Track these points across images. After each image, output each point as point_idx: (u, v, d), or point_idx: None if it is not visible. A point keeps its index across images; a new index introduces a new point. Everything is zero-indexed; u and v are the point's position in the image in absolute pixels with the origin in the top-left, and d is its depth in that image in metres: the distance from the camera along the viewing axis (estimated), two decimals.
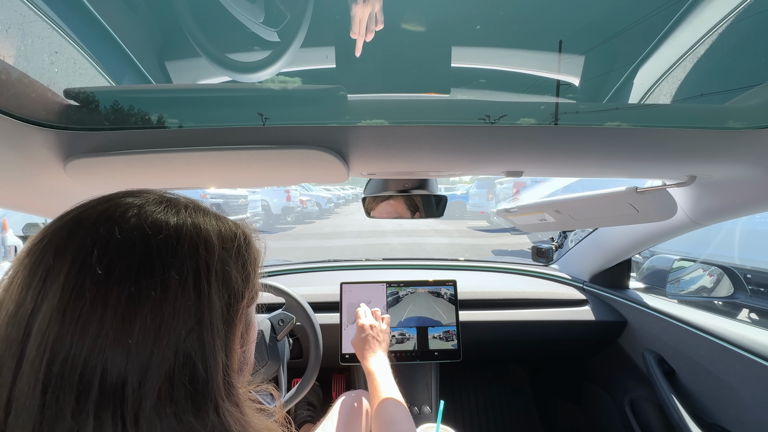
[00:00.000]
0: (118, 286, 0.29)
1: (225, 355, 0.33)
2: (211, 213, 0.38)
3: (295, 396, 1.01)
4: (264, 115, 0.48)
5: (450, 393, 1.72)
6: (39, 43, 0.46)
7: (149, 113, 0.48)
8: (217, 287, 0.33)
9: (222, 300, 0.33)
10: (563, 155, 0.63)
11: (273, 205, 10.12)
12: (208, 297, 0.32)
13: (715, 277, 1.41)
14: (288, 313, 1.05)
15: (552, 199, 1.01)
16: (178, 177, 0.69)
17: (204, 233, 0.34)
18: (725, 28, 0.48)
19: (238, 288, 0.35)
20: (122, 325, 0.28)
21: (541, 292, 1.38)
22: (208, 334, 0.32)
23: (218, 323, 0.32)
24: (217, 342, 0.32)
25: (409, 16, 0.45)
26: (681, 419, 0.98)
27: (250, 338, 0.42)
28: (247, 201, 7.85)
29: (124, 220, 0.32)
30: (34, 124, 0.47)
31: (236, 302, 0.35)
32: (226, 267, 0.34)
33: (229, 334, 0.34)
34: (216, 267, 0.33)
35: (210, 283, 0.32)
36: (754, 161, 0.61)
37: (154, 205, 0.34)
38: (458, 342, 1.19)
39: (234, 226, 0.39)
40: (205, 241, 0.34)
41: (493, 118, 0.49)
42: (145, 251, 0.30)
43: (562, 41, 0.50)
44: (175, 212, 0.34)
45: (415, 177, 0.91)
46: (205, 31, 0.47)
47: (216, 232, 0.35)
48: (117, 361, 0.28)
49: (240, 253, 0.37)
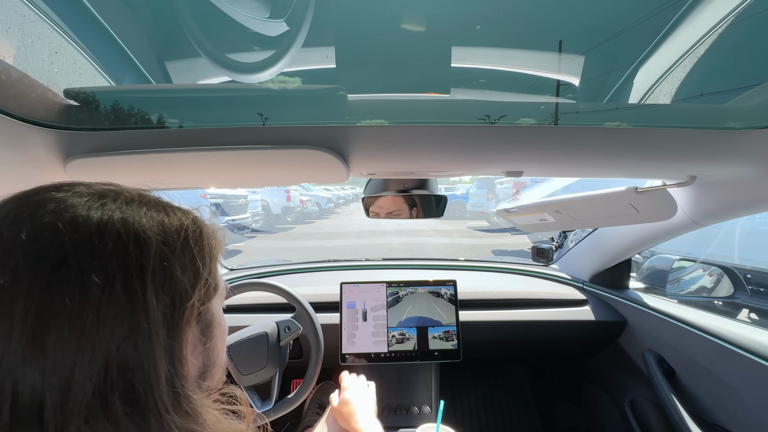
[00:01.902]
0: (25, 297, 0.26)
1: (170, 363, 0.30)
2: (154, 204, 0.34)
3: (295, 399, 1.01)
4: (264, 115, 0.48)
5: (450, 393, 1.72)
6: (39, 43, 0.46)
7: (149, 113, 0.48)
8: (155, 288, 0.30)
9: (162, 302, 0.30)
10: (563, 155, 0.63)
11: (273, 205, 10.11)
12: (143, 300, 0.29)
13: (715, 277, 1.41)
14: (296, 322, 1.05)
15: (552, 199, 1.01)
16: (178, 177, 0.69)
17: (135, 227, 0.31)
18: (725, 28, 0.48)
19: (183, 286, 0.32)
20: (33, 340, 0.25)
21: (541, 292, 1.38)
22: (145, 342, 0.28)
23: (158, 328, 0.29)
24: (158, 350, 0.29)
25: (409, 16, 0.44)
26: (681, 419, 0.98)
27: (215, 336, 0.38)
28: (247, 201, 7.76)
29: (35, 219, 0.28)
30: (34, 124, 0.47)
31: (182, 302, 0.32)
32: (165, 263, 0.31)
33: (174, 340, 0.31)
34: (153, 265, 0.30)
35: (144, 285, 0.29)
36: (754, 161, 0.61)
37: (77, 198, 0.30)
38: (458, 342, 1.19)
39: (183, 216, 0.35)
40: (136, 236, 0.30)
41: (493, 118, 0.49)
42: (59, 254, 0.27)
43: (562, 41, 0.50)
44: (100, 206, 0.30)
45: (415, 177, 0.91)
46: (206, 32, 0.47)
47: (155, 226, 0.32)
48: (30, 380, 0.25)
49: (187, 245, 0.33)
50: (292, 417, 1.07)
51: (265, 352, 1.00)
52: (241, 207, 7.42)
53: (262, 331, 1.03)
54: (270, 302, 1.26)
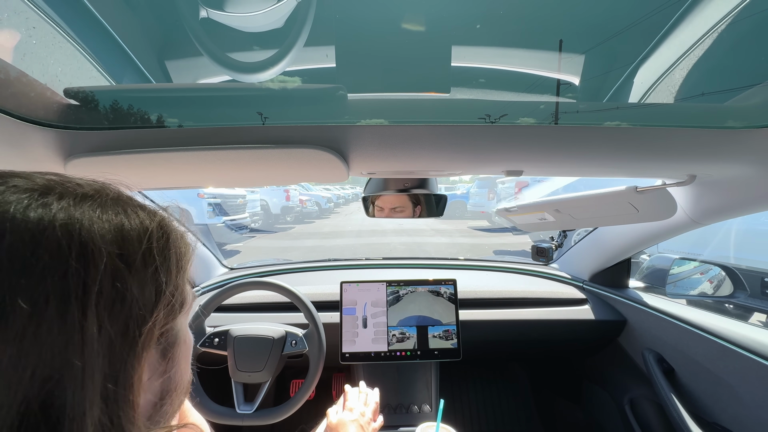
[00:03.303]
0: None
1: (109, 405, 0.24)
2: (112, 202, 0.28)
3: (295, 402, 1.00)
4: (264, 114, 0.48)
5: (450, 392, 1.73)
6: (39, 43, 0.46)
7: (150, 112, 0.48)
8: (99, 314, 0.24)
9: (107, 332, 0.24)
10: (563, 155, 0.63)
11: (272, 204, 10.09)
12: (80, 331, 0.23)
13: (714, 277, 1.41)
14: (304, 341, 1.05)
15: (552, 199, 1.01)
16: (179, 176, 0.69)
17: (83, 236, 0.24)
18: (725, 28, 0.48)
19: (140, 308, 0.26)
20: None
21: (541, 291, 1.38)
22: (75, 384, 0.23)
23: (95, 364, 0.23)
24: (89, 393, 0.23)
25: (409, 15, 0.44)
26: (680, 418, 0.98)
27: (177, 357, 0.32)
28: (246, 201, 7.68)
29: None
30: (34, 123, 0.47)
31: (138, 326, 0.26)
32: (118, 283, 0.25)
33: (122, 373, 0.25)
34: (101, 285, 0.24)
35: (85, 311, 0.23)
36: (753, 160, 0.61)
37: (13, 195, 0.24)
38: (458, 341, 1.19)
39: (147, 218, 0.29)
40: (82, 246, 0.24)
41: (492, 117, 0.49)
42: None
43: (562, 40, 0.50)
44: (40, 205, 0.24)
45: (415, 176, 0.91)
46: (208, 31, 0.47)
47: (110, 232, 0.26)
48: None
49: (150, 256, 0.28)
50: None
51: (266, 357, 1.00)
52: (239, 207, 7.37)
53: (270, 335, 1.03)
54: (279, 301, 1.26)
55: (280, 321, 1.12)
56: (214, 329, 1.06)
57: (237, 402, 0.99)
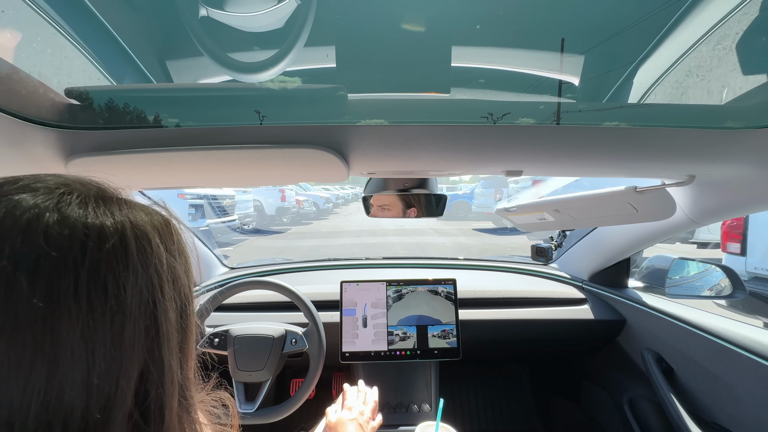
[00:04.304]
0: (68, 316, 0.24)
1: (181, 369, 0.29)
2: (139, 206, 0.32)
3: (296, 401, 1.01)
4: (265, 114, 0.48)
5: (449, 391, 1.73)
6: (40, 43, 0.46)
7: (150, 112, 0.48)
8: (170, 293, 0.28)
9: (175, 307, 0.29)
10: (562, 155, 0.63)
11: (267, 205, 9.65)
12: (165, 310, 0.27)
13: (714, 277, 1.41)
14: (304, 339, 1.05)
15: (551, 199, 1.02)
16: (180, 175, 0.69)
17: (144, 231, 0.28)
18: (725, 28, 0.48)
19: (186, 287, 0.31)
20: (77, 363, 0.24)
21: (541, 290, 1.38)
22: (165, 354, 0.27)
23: (173, 334, 0.28)
24: (173, 357, 0.28)
25: (409, 16, 0.45)
26: (679, 417, 0.98)
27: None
28: (234, 201, 6.90)
29: (48, 226, 0.25)
30: (36, 123, 0.47)
31: (188, 305, 0.31)
32: (172, 265, 0.29)
33: (184, 342, 0.30)
34: (165, 268, 0.28)
35: (163, 291, 0.27)
36: (752, 161, 0.62)
37: (81, 208, 0.27)
38: (458, 340, 1.19)
39: (167, 214, 0.34)
40: (149, 240, 0.28)
41: (492, 117, 0.49)
42: (92, 264, 0.25)
43: (563, 40, 0.50)
44: (107, 211, 0.28)
45: (415, 176, 0.91)
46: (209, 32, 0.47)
47: (153, 228, 0.30)
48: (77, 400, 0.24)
49: (180, 245, 0.32)
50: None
51: (266, 356, 1.01)
52: (228, 208, 6.76)
53: (270, 334, 1.03)
54: (273, 300, 1.26)
55: (280, 320, 1.12)
56: (214, 329, 1.06)
57: (238, 401, 1.00)
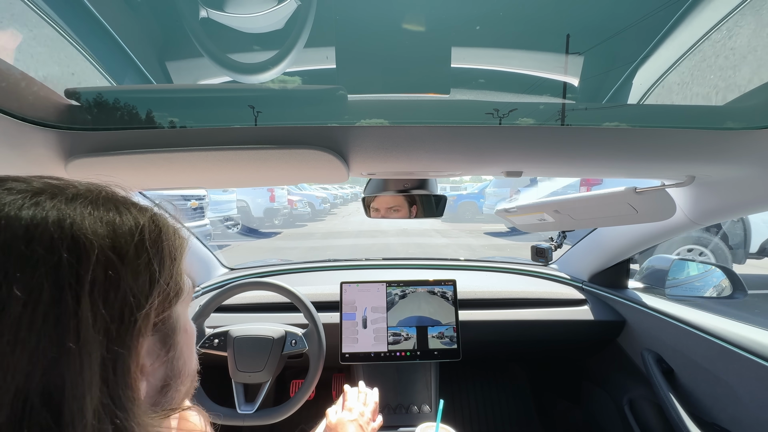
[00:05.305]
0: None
1: (108, 389, 0.26)
2: (104, 201, 0.30)
3: (296, 401, 1.00)
4: (265, 115, 0.48)
5: (449, 392, 1.73)
6: (40, 43, 0.46)
7: (150, 113, 0.48)
8: (93, 302, 0.26)
9: (102, 317, 0.26)
10: (562, 155, 0.63)
11: (254, 206, 8.55)
12: (75, 317, 0.25)
13: (714, 278, 1.41)
14: (304, 341, 1.05)
15: (551, 199, 1.02)
16: (180, 176, 0.69)
17: (74, 230, 0.26)
18: None
19: (135, 295, 0.28)
20: None
21: (541, 291, 1.38)
22: (73, 368, 0.24)
23: (92, 349, 0.25)
24: (87, 376, 0.25)
25: (409, 16, 0.45)
26: (679, 418, 0.98)
27: (179, 344, 0.35)
28: (204, 203, 5.34)
29: None
30: (35, 124, 0.47)
31: (132, 312, 0.28)
32: (110, 272, 0.27)
33: (118, 358, 0.27)
34: (93, 275, 0.26)
35: (79, 299, 0.25)
36: (752, 161, 0.62)
37: (9, 195, 0.26)
38: (458, 341, 1.19)
39: (139, 214, 0.31)
40: (74, 240, 0.26)
41: (492, 118, 0.49)
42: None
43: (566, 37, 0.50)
44: (32, 204, 0.26)
45: (415, 177, 0.91)
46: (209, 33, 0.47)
47: (102, 227, 0.28)
48: None
49: (143, 247, 0.30)
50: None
51: (266, 357, 1.00)
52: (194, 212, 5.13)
53: (270, 335, 1.03)
54: (273, 301, 1.26)
55: (280, 321, 1.12)
56: (214, 330, 1.06)
57: (238, 402, 0.99)
